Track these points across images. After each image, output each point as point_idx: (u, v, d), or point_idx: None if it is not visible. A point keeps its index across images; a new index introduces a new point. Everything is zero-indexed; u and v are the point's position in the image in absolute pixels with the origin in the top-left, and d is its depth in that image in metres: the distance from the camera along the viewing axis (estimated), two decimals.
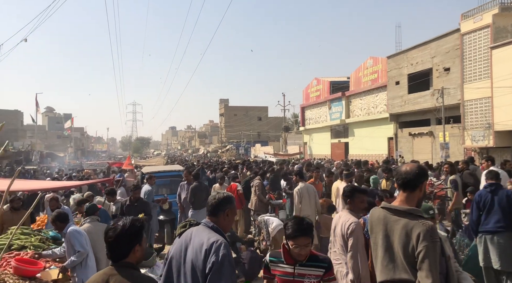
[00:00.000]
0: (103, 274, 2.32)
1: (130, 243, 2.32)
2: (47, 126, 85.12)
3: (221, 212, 2.68)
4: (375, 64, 30.00)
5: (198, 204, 8.82)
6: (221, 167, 16.57)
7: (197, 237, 2.57)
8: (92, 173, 20.73)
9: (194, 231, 2.65)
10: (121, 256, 2.31)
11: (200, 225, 2.69)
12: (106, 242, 2.32)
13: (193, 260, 2.50)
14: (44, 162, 44.69)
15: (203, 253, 2.46)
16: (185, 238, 2.65)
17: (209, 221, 2.67)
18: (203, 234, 2.57)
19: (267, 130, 65.50)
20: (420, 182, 2.54)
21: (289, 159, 28.11)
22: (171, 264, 2.64)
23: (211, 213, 2.69)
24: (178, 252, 2.63)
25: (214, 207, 2.69)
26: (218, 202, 2.70)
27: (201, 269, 2.44)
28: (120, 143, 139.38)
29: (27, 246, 5.88)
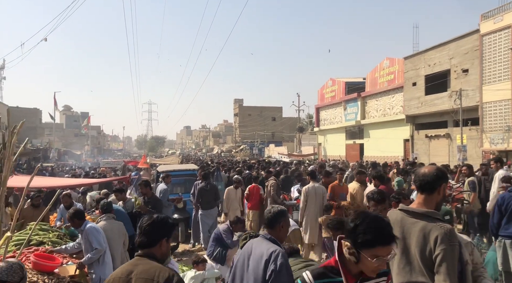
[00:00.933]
0: (128, 264, 2.50)
1: (159, 234, 2.48)
2: (65, 124, 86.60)
3: (277, 224, 2.99)
4: (392, 65, 29.66)
5: (206, 205, 8.88)
6: (236, 166, 16.59)
7: (258, 248, 2.88)
8: (108, 171, 21.03)
9: (254, 243, 2.96)
10: (149, 244, 2.45)
11: (259, 237, 2.99)
12: (140, 228, 2.49)
13: (254, 269, 2.81)
14: (62, 159, 45.51)
15: (263, 262, 2.76)
16: (247, 249, 2.96)
17: (267, 233, 2.98)
18: (262, 245, 2.87)
19: (281, 130, 65.38)
20: (438, 184, 2.50)
21: (303, 159, 28.01)
22: (235, 273, 2.99)
23: (268, 225, 3.01)
24: (241, 261, 2.96)
25: (270, 220, 3.00)
26: (274, 215, 2.99)
27: (261, 277, 2.75)
28: (135, 141, 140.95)
29: (45, 241, 5.99)
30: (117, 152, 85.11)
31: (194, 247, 9.55)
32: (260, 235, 3.02)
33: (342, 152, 36.16)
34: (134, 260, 2.48)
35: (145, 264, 2.40)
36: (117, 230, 5.52)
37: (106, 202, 5.87)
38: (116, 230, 5.49)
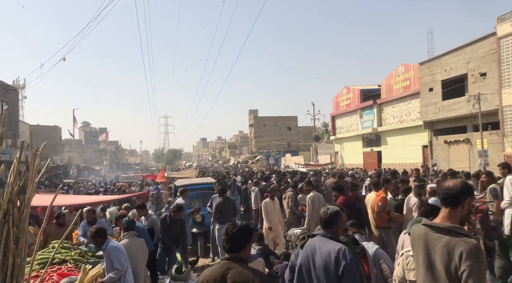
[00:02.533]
0: (220, 267, 2.69)
1: (245, 239, 2.76)
2: (84, 140, 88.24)
3: (334, 224, 3.22)
4: (407, 71, 29.39)
5: (224, 219, 8.86)
6: (254, 178, 16.53)
7: (322, 246, 3.10)
8: (126, 186, 21.25)
9: (315, 242, 3.17)
10: (237, 249, 2.72)
11: (318, 236, 3.20)
12: (227, 235, 2.74)
13: (324, 266, 3.04)
14: (81, 175, 46.28)
15: (332, 259, 3.00)
16: (309, 248, 3.17)
17: (326, 232, 3.20)
18: (326, 243, 3.11)
19: (297, 140, 65.17)
20: (463, 198, 2.44)
21: (321, 169, 27.81)
22: (301, 270, 3.17)
23: (325, 225, 3.23)
24: (306, 260, 3.16)
25: (328, 220, 3.22)
26: (330, 216, 3.22)
27: (334, 272, 2.98)
28: (153, 155, 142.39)
29: (67, 259, 6.07)
30: (135, 166, 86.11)
31: (214, 261, 9.52)
32: (318, 234, 3.22)
33: (360, 160, 35.79)
34: (225, 263, 2.70)
35: (237, 267, 2.63)
36: (140, 247, 5.58)
37: (128, 220, 5.92)
38: (139, 248, 5.55)
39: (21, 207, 3.82)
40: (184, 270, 6.75)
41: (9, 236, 3.64)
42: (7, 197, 3.75)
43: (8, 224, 3.67)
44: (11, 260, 3.60)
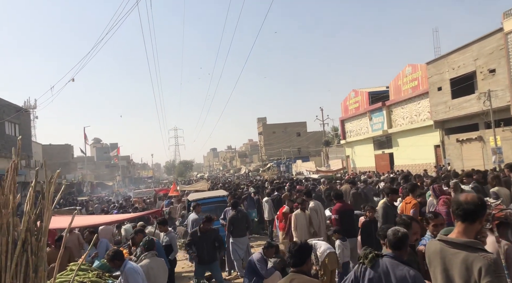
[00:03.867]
0: (286, 279, 3.21)
1: (306, 254, 3.26)
2: (96, 157, 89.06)
3: (404, 247, 3.29)
4: (414, 71, 29.22)
5: (238, 233, 8.84)
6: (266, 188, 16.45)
7: (396, 270, 3.16)
8: (140, 201, 21.38)
9: (387, 264, 3.22)
10: (300, 263, 3.21)
11: (388, 257, 3.24)
12: (290, 252, 3.21)
13: None
14: (95, 192, 46.69)
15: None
16: (382, 269, 3.22)
17: (395, 254, 3.25)
18: (399, 267, 3.16)
19: (307, 145, 65.00)
20: (481, 214, 2.42)
21: (333, 175, 27.64)
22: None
23: (395, 247, 3.28)
24: (378, 280, 3.21)
25: (398, 243, 3.27)
26: (402, 238, 3.28)
27: None
28: (164, 167, 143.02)
29: (85, 282, 6.11)
30: (147, 180, 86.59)
31: (231, 275, 9.50)
32: (388, 256, 3.27)
33: (372, 163, 35.52)
34: (290, 275, 3.21)
35: (299, 278, 3.12)
36: (161, 267, 5.64)
37: (148, 239, 5.98)
38: (161, 267, 5.60)
39: (38, 235, 3.87)
40: None
41: (28, 265, 3.70)
42: (24, 226, 3.82)
43: (27, 252, 3.73)
44: None
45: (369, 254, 3.36)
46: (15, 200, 3.92)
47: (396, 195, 7.35)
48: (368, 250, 3.40)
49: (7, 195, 3.85)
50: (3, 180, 3.93)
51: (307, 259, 3.22)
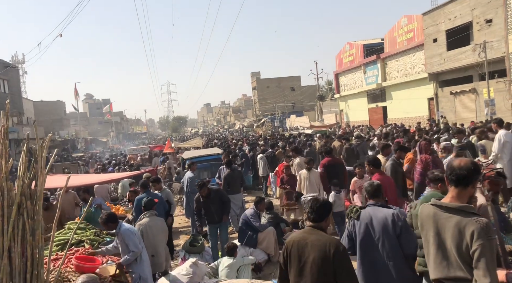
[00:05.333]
0: (303, 232, 3.35)
1: (326, 212, 3.33)
2: (88, 113, 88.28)
3: (380, 194, 3.89)
4: (410, 23, 28.56)
5: (233, 190, 9.00)
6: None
7: (377, 213, 3.71)
8: (135, 157, 21.48)
9: (369, 211, 3.77)
10: (319, 219, 3.27)
11: (370, 206, 3.82)
12: (311, 208, 3.30)
13: (383, 229, 3.63)
14: (89, 148, 46.71)
15: (390, 222, 3.62)
16: (365, 216, 3.76)
17: (375, 201, 3.84)
18: (379, 210, 3.74)
19: (301, 100, 64.69)
20: (474, 179, 2.45)
21: (326, 130, 27.74)
22: (363, 238, 3.72)
23: (373, 196, 3.87)
24: (364, 227, 3.73)
25: (374, 192, 3.88)
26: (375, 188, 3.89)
27: (392, 232, 3.60)
28: (158, 123, 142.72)
29: (83, 240, 6.24)
30: (141, 135, 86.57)
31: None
32: (369, 205, 3.83)
33: (365, 117, 35.61)
34: (308, 229, 3.31)
35: (317, 234, 3.20)
36: (160, 226, 5.76)
37: (148, 199, 6.07)
38: (159, 227, 5.73)
39: (33, 199, 3.90)
40: (198, 244, 6.93)
41: (25, 228, 3.75)
42: (19, 191, 3.83)
43: (23, 216, 3.76)
44: (29, 251, 3.73)
45: (353, 208, 3.91)
46: (7, 164, 3.90)
47: (404, 152, 7.33)
48: (353, 206, 3.99)
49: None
50: None
51: (326, 216, 3.35)
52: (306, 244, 3.16)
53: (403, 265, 3.63)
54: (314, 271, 3.09)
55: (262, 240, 6.93)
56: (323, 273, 3.07)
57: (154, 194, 7.35)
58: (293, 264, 3.23)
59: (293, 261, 3.23)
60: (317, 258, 3.08)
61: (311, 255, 3.12)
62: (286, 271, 3.32)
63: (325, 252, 3.07)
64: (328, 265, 3.05)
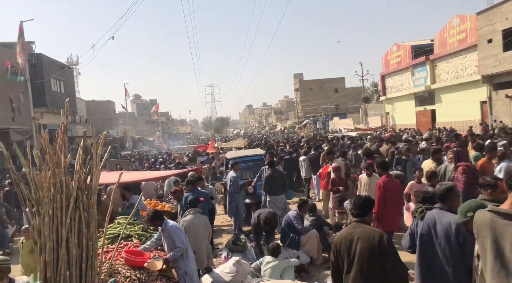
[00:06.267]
0: (349, 228, 3.56)
1: (369, 207, 3.60)
2: (136, 113, 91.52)
3: (448, 198, 3.69)
4: (463, 23, 27.29)
5: (275, 191, 8.98)
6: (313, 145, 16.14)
7: (442, 218, 3.59)
8: (180, 156, 22.05)
9: (435, 214, 3.67)
10: (362, 214, 3.51)
11: (435, 209, 3.69)
12: (354, 204, 3.56)
13: (445, 235, 3.52)
14: (136, 146, 48.46)
15: (453, 228, 3.46)
16: (430, 219, 3.68)
17: (443, 205, 3.69)
18: (445, 215, 3.59)
19: (345, 102, 63.53)
20: None
21: (372, 132, 27.09)
22: (423, 239, 3.68)
23: (441, 199, 3.72)
24: (427, 229, 3.67)
25: (442, 195, 3.72)
26: (446, 191, 3.71)
27: (454, 239, 3.45)
28: (201, 123, 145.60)
29: (132, 235, 6.48)
30: (185, 135, 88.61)
31: None
32: (436, 207, 3.71)
33: (412, 120, 34.44)
34: (353, 225, 3.54)
35: (362, 227, 3.42)
36: (203, 224, 5.88)
37: (193, 197, 6.22)
38: (202, 224, 5.85)
39: (89, 193, 4.10)
40: (241, 243, 6.99)
41: (81, 221, 3.95)
42: (75, 185, 4.04)
43: (79, 209, 3.97)
44: (84, 243, 3.93)
45: (419, 207, 3.85)
46: (65, 159, 4.14)
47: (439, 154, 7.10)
48: (419, 205, 3.90)
49: (58, 155, 4.07)
50: (54, 140, 4.14)
51: (369, 211, 3.56)
52: (353, 238, 3.37)
53: (463, 274, 3.50)
54: (363, 262, 3.28)
55: (305, 243, 6.89)
56: (371, 262, 3.25)
57: (200, 192, 7.51)
58: (343, 259, 3.43)
59: (343, 256, 3.43)
60: (364, 248, 3.29)
61: (358, 247, 3.32)
62: (338, 267, 3.51)
63: (370, 242, 3.28)
64: (374, 254, 3.25)
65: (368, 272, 3.27)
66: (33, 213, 3.90)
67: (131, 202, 8.04)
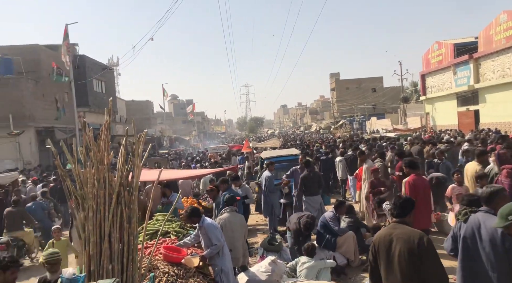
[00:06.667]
0: (388, 228, 3.50)
1: (409, 207, 3.52)
2: (173, 113, 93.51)
3: (493, 201, 3.55)
4: (510, 19, 25.98)
5: (311, 192, 8.88)
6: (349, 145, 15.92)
7: (488, 221, 3.43)
8: (215, 156, 22.33)
9: (479, 217, 3.54)
10: (403, 214, 3.47)
11: (481, 212, 3.57)
12: (395, 204, 3.54)
13: (490, 239, 3.37)
14: (173, 146, 49.49)
15: (499, 233, 3.29)
16: (474, 222, 3.55)
17: (488, 208, 3.56)
18: (491, 218, 3.42)
19: (383, 102, 62.05)
20: None
21: (411, 133, 26.32)
22: (466, 242, 3.57)
23: (487, 202, 3.59)
24: (471, 232, 3.54)
25: (488, 198, 3.59)
26: (491, 193, 3.59)
27: (501, 244, 3.29)
28: (236, 123, 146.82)
29: (170, 231, 6.61)
30: (220, 135, 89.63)
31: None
32: (482, 210, 3.58)
33: (454, 121, 33.15)
34: (392, 225, 3.49)
35: (402, 228, 3.37)
36: (239, 222, 5.93)
37: (230, 195, 6.29)
38: (239, 223, 5.90)
39: (130, 190, 4.22)
40: (276, 243, 6.98)
41: (123, 216, 4.07)
42: (118, 181, 4.17)
43: (121, 205, 4.09)
44: (126, 238, 4.04)
45: (463, 210, 3.74)
46: (109, 156, 4.29)
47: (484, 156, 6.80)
48: (463, 208, 3.79)
49: (102, 152, 4.21)
50: (98, 138, 4.29)
51: (409, 212, 3.50)
52: (392, 239, 3.33)
53: (509, 280, 3.35)
54: (402, 263, 3.23)
55: (342, 244, 6.78)
56: (410, 264, 3.19)
57: (236, 192, 7.58)
58: (382, 259, 3.39)
59: (381, 257, 3.39)
60: (403, 250, 3.23)
61: (397, 248, 3.27)
62: (376, 267, 3.47)
63: (410, 243, 3.21)
64: (414, 255, 3.18)
65: (407, 274, 3.21)
66: (78, 208, 4.06)
67: (170, 200, 8.21)
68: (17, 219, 9.50)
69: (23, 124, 22.22)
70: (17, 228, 9.42)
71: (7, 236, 9.02)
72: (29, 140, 22.84)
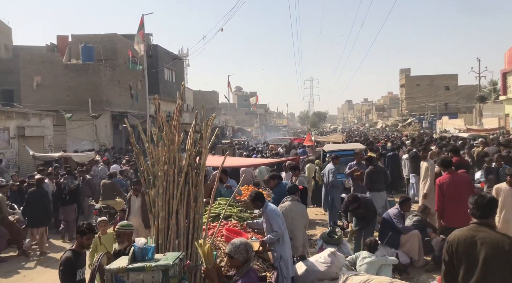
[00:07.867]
0: (469, 229, 3.23)
1: (493, 209, 3.27)
2: (237, 104, 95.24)
3: None
4: None
5: (376, 187, 8.62)
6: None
7: None
8: (276, 147, 22.46)
9: None
10: (486, 216, 3.21)
11: None
12: (476, 204, 3.22)
13: None
14: (236, 136, 50.52)
15: None
16: None
17: None
18: None
19: (457, 101, 58.21)
20: None
21: (487, 134, 24.48)
22: None
23: None
24: None
25: None
26: None
27: None
28: (298, 117, 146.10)
29: (231, 215, 6.79)
30: (282, 128, 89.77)
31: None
32: None
33: None
34: (473, 226, 3.21)
35: (486, 231, 3.12)
36: (300, 212, 5.95)
37: (292, 184, 6.34)
38: (300, 212, 5.92)
39: (197, 170, 4.39)
40: (336, 236, 6.90)
41: (190, 195, 4.25)
42: (186, 161, 4.35)
43: (189, 184, 4.27)
44: (192, 215, 4.22)
45: None
46: (179, 137, 4.48)
47: None
48: None
49: (173, 133, 4.42)
50: (170, 119, 4.51)
51: (493, 213, 3.26)
52: (475, 242, 3.09)
53: None
54: (489, 269, 3.02)
55: (405, 242, 6.53)
56: (499, 270, 3.00)
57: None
58: (461, 262, 3.17)
59: (462, 259, 3.17)
60: (490, 255, 3.01)
61: (483, 252, 3.04)
62: (452, 268, 3.26)
63: (499, 249, 3.00)
64: (504, 262, 2.99)
65: (494, 280, 3.03)
66: (149, 185, 4.30)
67: (228, 185, 8.47)
68: (110, 190, 10.87)
69: (100, 108, 23.90)
70: (109, 197, 10.82)
71: (102, 203, 10.60)
72: (104, 124, 24.53)
